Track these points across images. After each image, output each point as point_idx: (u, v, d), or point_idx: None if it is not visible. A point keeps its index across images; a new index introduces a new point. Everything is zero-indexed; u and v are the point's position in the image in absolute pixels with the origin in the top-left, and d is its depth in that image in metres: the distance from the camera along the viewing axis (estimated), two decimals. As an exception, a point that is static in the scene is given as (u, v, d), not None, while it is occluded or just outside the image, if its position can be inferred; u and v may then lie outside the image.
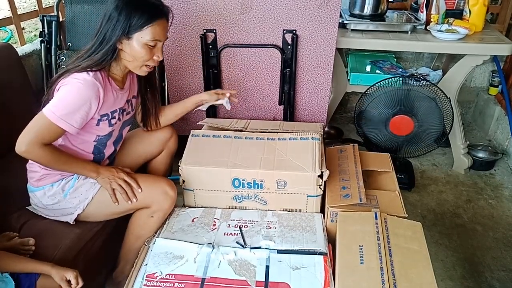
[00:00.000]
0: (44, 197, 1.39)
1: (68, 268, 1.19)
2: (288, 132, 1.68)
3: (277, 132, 1.70)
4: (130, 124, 1.60)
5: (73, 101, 1.24)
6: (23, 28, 3.58)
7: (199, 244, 1.35)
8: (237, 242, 1.38)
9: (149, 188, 1.41)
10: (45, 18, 2.23)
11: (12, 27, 2.30)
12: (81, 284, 1.19)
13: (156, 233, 1.44)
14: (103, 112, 1.35)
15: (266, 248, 1.34)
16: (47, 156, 1.26)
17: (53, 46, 2.21)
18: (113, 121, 1.41)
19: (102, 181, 1.38)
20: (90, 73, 1.27)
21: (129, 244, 1.49)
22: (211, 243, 1.35)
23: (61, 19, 2.29)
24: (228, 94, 1.71)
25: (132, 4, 1.26)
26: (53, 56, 2.20)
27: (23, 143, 1.22)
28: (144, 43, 1.30)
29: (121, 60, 1.35)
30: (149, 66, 1.38)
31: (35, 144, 1.23)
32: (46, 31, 2.23)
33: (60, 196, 1.38)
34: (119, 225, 1.51)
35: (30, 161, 1.40)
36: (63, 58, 2.20)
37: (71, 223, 1.40)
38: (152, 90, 1.61)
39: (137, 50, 1.30)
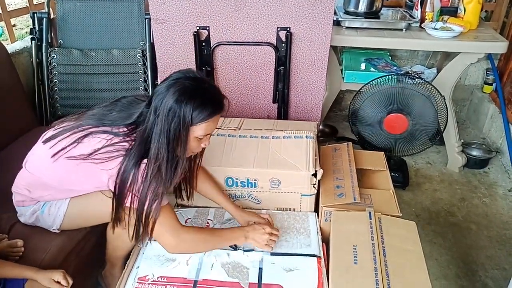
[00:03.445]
0: (25, 213, 1.35)
1: (54, 269, 1.16)
2: (282, 131, 1.67)
3: (271, 130, 1.69)
4: None
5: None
6: (14, 25, 3.54)
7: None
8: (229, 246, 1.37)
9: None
10: (35, 15, 2.20)
11: (3, 23, 2.27)
12: (71, 282, 1.17)
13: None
14: None
15: (259, 251, 1.33)
16: (196, 233, 1.25)
17: (44, 44, 2.18)
18: None
19: None
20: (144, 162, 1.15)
21: (109, 252, 1.45)
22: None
23: (52, 16, 2.26)
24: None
25: (194, 99, 1.11)
26: (44, 54, 2.17)
27: (171, 242, 1.20)
28: (195, 137, 1.17)
29: None
30: (194, 152, 1.28)
31: (177, 230, 1.21)
32: (37, 28, 2.20)
33: (37, 213, 1.33)
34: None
35: (15, 183, 1.33)
36: (54, 56, 2.17)
37: (58, 232, 1.36)
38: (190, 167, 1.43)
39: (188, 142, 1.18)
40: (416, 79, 2.10)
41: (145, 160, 1.13)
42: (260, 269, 1.26)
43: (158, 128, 1.11)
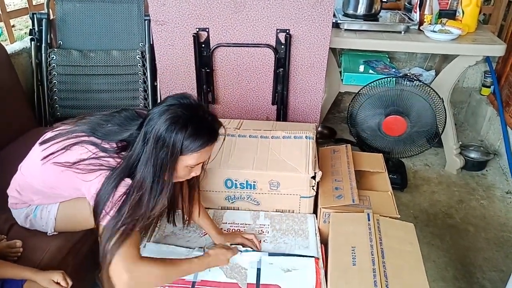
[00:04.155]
0: (19, 216, 1.35)
1: (53, 270, 1.17)
2: (282, 131, 1.67)
3: (271, 131, 1.69)
4: None
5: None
6: (13, 26, 3.54)
7: (190, 248, 1.34)
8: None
9: None
10: (35, 15, 2.20)
11: (2, 24, 2.27)
12: (70, 283, 1.17)
13: (146, 237, 1.41)
14: None
15: (256, 251, 1.33)
16: (154, 267, 1.10)
17: (43, 44, 2.18)
18: None
19: None
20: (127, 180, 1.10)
21: (102, 256, 1.44)
22: (202, 247, 1.33)
23: (51, 17, 2.26)
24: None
25: (186, 128, 1.05)
26: (43, 55, 2.17)
27: (122, 275, 1.05)
28: (186, 166, 1.12)
29: None
30: (182, 179, 1.22)
31: (133, 261, 1.07)
32: (36, 29, 2.20)
33: (30, 216, 1.33)
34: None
35: (11, 185, 1.32)
36: (53, 57, 2.17)
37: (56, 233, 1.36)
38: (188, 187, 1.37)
39: (175, 171, 1.13)
40: (415, 82, 2.10)
41: (126, 179, 1.08)
42: (258, 270, 1.27)
43: (145, 156, 1.05)
